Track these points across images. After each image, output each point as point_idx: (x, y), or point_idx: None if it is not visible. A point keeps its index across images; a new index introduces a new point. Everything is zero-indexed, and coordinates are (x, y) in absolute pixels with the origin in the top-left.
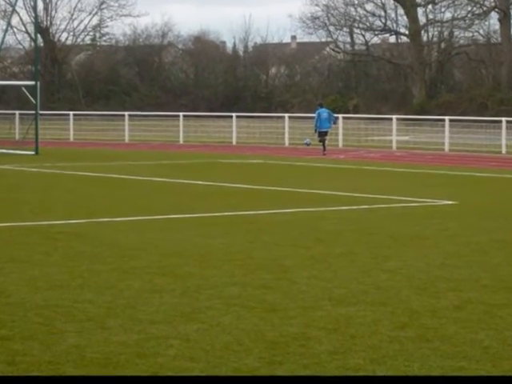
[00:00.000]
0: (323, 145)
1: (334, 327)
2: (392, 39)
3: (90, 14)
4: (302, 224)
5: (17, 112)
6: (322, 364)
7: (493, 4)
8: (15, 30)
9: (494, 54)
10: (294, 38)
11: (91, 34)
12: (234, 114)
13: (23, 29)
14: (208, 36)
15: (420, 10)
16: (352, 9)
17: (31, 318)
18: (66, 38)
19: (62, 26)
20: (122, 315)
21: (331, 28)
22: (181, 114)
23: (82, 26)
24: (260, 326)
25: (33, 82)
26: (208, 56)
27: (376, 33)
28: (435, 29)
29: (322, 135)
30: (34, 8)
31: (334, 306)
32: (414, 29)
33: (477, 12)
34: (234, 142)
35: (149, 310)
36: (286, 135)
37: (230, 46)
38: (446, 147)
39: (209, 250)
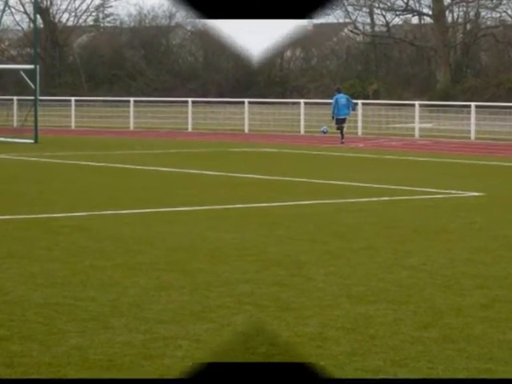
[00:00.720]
0: (341, 133)
1: (352, 327)
2: (414, 20)
3: None
4: (319, 217)
5: (15, 98)
6: (339, 366)
7: None
8: (13, 10)
9: None
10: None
11: (94, 14)
12: (246, 100)
13: (21, 9)
14: None
15: None
16: None
17: (30, 317)
18: (68, 19)
19: (63, 6)
20: (127, 314)
21: (350, 8)
22: (189, 99)
23: (84, 6)
24: (274, 326)
25: (32, 66)
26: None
27: (397, 13)
28: (460, 9)
29: (340, 122)
30: None
31: (352, 304)
32: (438, 9)
33: None
34: (246, 130)
35: (156, 309)
36: (302, 122)
37: None
38: (472, 135)
39: (220, 244)
